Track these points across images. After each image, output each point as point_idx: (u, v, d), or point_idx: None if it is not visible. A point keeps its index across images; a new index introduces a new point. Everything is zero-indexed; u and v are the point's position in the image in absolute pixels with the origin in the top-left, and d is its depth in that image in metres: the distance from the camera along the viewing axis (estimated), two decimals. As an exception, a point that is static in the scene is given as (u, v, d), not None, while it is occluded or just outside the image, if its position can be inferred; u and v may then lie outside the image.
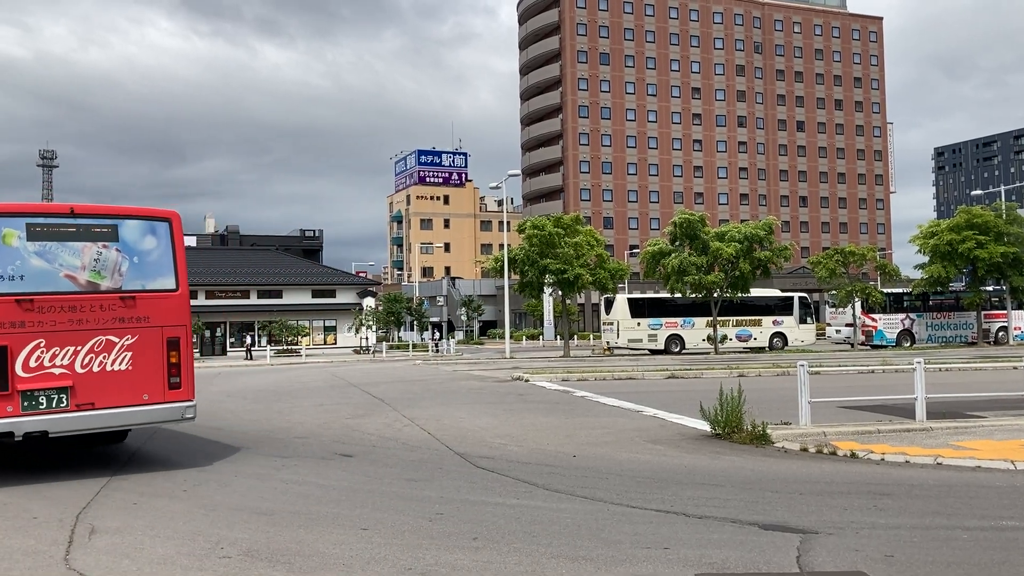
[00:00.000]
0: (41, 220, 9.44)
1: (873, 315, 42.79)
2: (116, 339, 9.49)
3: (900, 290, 43.77)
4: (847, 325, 43.65)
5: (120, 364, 9.48)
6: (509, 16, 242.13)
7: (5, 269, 8.87)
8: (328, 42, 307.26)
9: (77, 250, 9.41)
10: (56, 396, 9.03)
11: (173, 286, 10.21)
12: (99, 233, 9.69)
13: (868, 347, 42.00)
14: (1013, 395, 12.84)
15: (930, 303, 43.60)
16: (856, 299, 41.99)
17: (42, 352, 8.99)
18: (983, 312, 43.23)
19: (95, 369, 9.31)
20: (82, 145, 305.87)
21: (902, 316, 43.04)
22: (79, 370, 9.16)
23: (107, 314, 9.48)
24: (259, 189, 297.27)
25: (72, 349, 9.13)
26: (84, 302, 9.34)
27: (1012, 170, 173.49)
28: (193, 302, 53.36)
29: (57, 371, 9.04)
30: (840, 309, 43.79)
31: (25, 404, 8.87)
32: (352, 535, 6.29)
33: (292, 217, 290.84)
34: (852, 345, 43.16)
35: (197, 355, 52.96)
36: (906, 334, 42.76)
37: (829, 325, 47.31)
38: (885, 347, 41.66)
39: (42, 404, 8.96)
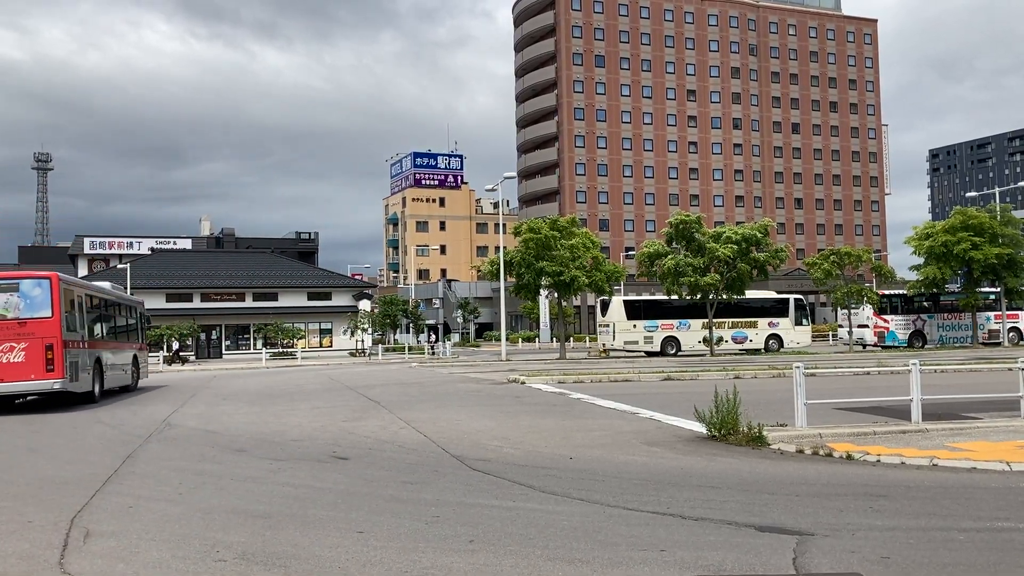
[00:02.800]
0: None
1: (885, 316, 42.89)
2: (18, 342, 17.51)
3: (911, 292, 43.85)
4: (859, 326, 43.71)
5: (18, 357, 17.48)
6: (506, 19, 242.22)
7: None
8: (327, 45, 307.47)
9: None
10: None
11: (49, 315, 17.81)
12: (10, 287, 18.03)
13: (880, 348, 42.08)
14: (1009, 396, 12.86)
15: (941, 304, 43.71)
16: (867, 301, 42.14)
17: None
18: (993, 313, 43.43)
19: (6, 359, 17.41)
20: (81, 148, 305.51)
21: (914, 317, 43.16)
22: None
23: (10, 332, 17.55)
24: (258, 192, 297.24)
25: (5, 346, 17.33)
26: (7, 326, 17.59)
27: (1007, 172, 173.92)
28: (189, 305, 53.07)
29: None
30: (853, 311, 43.93)
31: None
32: (348, 538, 6.28)
33: (291, 220, 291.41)
34: (864, 346, 43.27)
35: (192, 358, 52.94)
36: (918, 335, 42.92)
37: (841, 327, 47.31)
38: (897, 348, 41.76)
39: None
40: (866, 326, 43.08)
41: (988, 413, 13.03)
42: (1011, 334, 43.78)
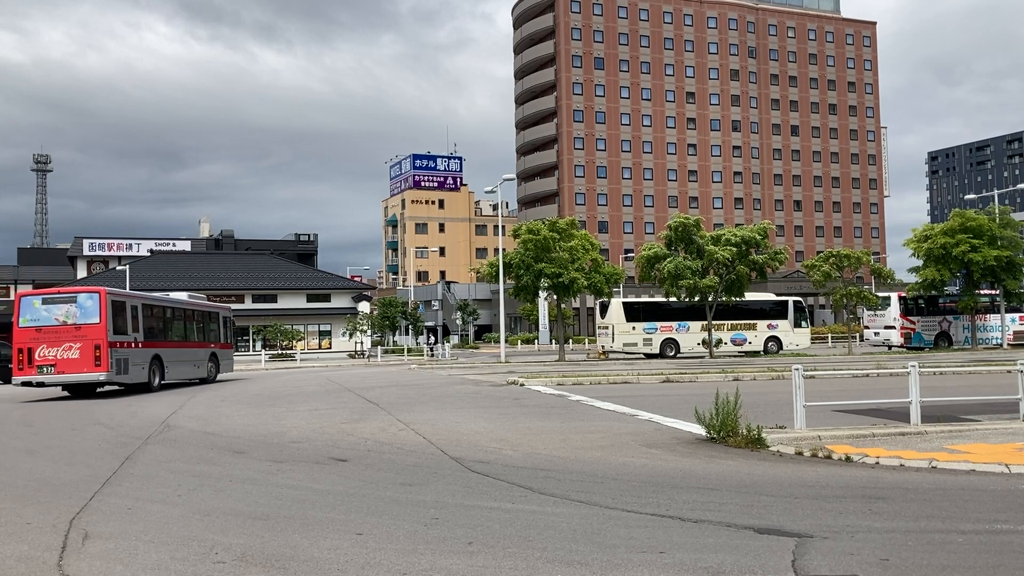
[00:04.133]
0: (45, 296, 23.03)
1: (911, 318, 42.96)
2: (73, 343, 22.14)
3: (936, 293, 43.95)
4: (886, 328, 43.77)
5: (74, 354, 22.11)
6: (506, 21, 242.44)
7: (33, 317, 22.37)
8: (327, 47, 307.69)
9: (61, 309, 22.47)
10: (49, 366, 22.05)
11: (96, 320, 22.30)
12: (68, 299, 22.71)
13: (906, 349, 42.16)
14: (1007, 398, 12.87)
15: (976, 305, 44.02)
16: (894, 301, 42.29)
17: (46, 349, 22.18)
18: (1019, 315, 43.55)
19: (63, 356, 22.11)
20: (82, 149, 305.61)
21: (939, 319, 43.21)
22: (58, 356, 22.15)
23: (69, 334, 22.19)
24: (257, 194, 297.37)
25: (64, 346, 22.11)
26: (65, 329, 22.26)
27: (1005, 174, 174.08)
28: (187, 307, 51.34)
29: (51, 356, 22.17)
30: (879, 312, 44.01)
31: (38, 369, 22.07)
32: (347, 540, 6.28)
33: (290, 222, 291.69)
34: (889, 347, 43.36)
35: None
36: (943, 336, 43.00)
37: (867, 328, 47.35)
38: (923, 349, 41.89)
39: (44, 369, 22.02)
40: (892, 327, 43.19)
41: (987, 415, 13.03)
42: None
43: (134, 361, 23.50)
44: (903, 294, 44.53)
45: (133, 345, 23.64)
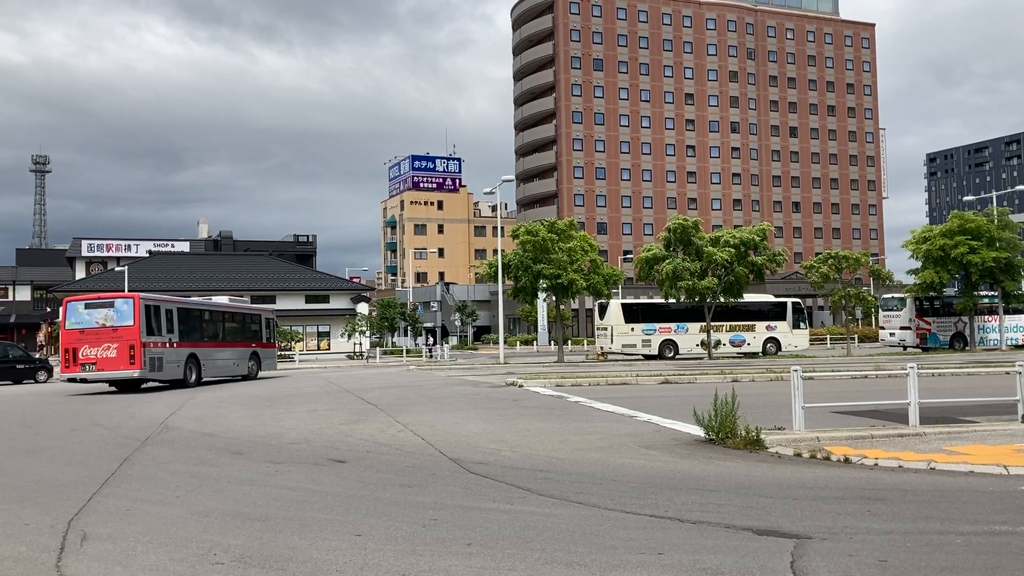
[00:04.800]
0: (87, 301, 25.71)
1: (927, 319, 43.06)
2: (111, 343, 24.63)
3: (952, 294, 44.06)
4: (902, 328, 43.86)
5: (111, 353, 24.65)
6: (505, 23, 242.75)
7: (77, 321, 25.12)
8: (327, 48, 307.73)
9: (100, 313, 25.09)
10: (90, 364, 24.59)
11: (130, 323, 24.80)
12: (106, 304, 25.32)
13: (921, 350, 42.25)
14: (1006, 400, 12.88)
15: (979, 306, 44.09)
16: (910, 302, 42.34)
17: (88, 349, 24.71)
18: None
19: (102, 355, 24.64)
20: (82, 150, 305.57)
21: (954, 319, 43.29)
22: (98, 355, 24.67)
23: (108, 336, 24.71)
24: (257, 195, 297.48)
25: (103, 346, 24.56)
26: (104, 331, 24.82)
27: (1004, 176, 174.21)
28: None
29: (92, 355, 24.69)
30: (894, 312, 44.07)
31: (81, 367, 24.69)
32: (346, 541, 6.28)
33: (290, 222, 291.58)
34: (905, 348, 43.45)
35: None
36: (958, 336, 43.10)
37: (882, 328, 47.44)
38: (938, 349, 41.92)
39: (86, 367, 24.60)
40: (908, 328, 43.28)
41: (986, 417, 13.04)
42: None
43: (168, 359, 26.04)
44: (928, 295, 44.56)
45: (167, 345, 26.18)
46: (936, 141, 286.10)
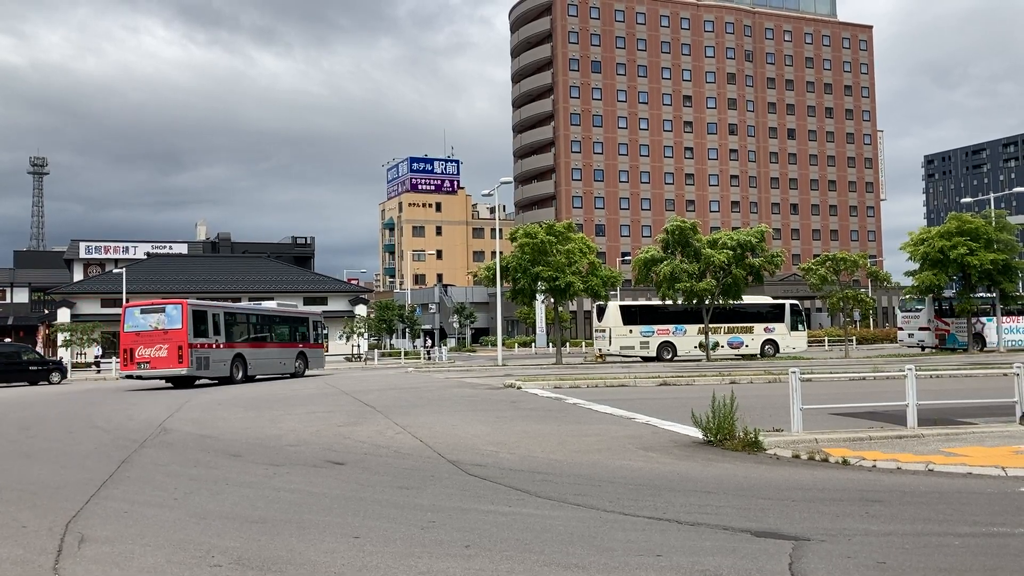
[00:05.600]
0: (143, 307, 28.45)
1: (946, 319, 43.15)
2: (162, 344, 27.09)
3: (984, 295, 44.23)
4: (920, 329, 43.93)
5: (162, 353, 27.11)
6: (504, 25, 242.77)
7: (134, 324, 27.81)
8: (326, 51, 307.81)
9: (154, 317, 27.62)
10: (145, 363, 27.27)
11: (179, 326, 27.18)
12: (159, 310, 27.86)
13: (939, 350, 42.36)
14: (1004, 401, 12.88)
15: (1009, 308, 44.31)
16: (931, 303, 42.48)
17: (143, 349, 27.29)
18: None
19: (154, 354, 27.19)
20: (80, 152, 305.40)
21: (973, 320, 43.44)
22: (151, 354, 27.23)
23: (159, 337, 27.20)
24: (255, 197, 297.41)
25: (156, 347, 27.10)
26: (156, 333, 27.35)
27: (1001, 178, 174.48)
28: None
29: (146, 355, 27.28)
30: (913, 313, 44.15)
31: (137, 365, 27.47)
32: (344, 543, 6.27)
33: (289, 225, 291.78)
34: (923, 348, 43.52)
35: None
36: (977, 337, 43.22)
37: (901, 329, 47.51)
38: (956, 350, 42.11)
39: (141, 366, 27.35)
40: (927, 329, 43.37)
41: (984, 418, 13.04)
42: None
43: (215, 359, 28.61)
44: (945, 295, 44.63)
45: (214, 346, 28.70)
46: (934, 143, 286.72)
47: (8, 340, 45.27)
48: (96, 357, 48.87)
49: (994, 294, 42.96)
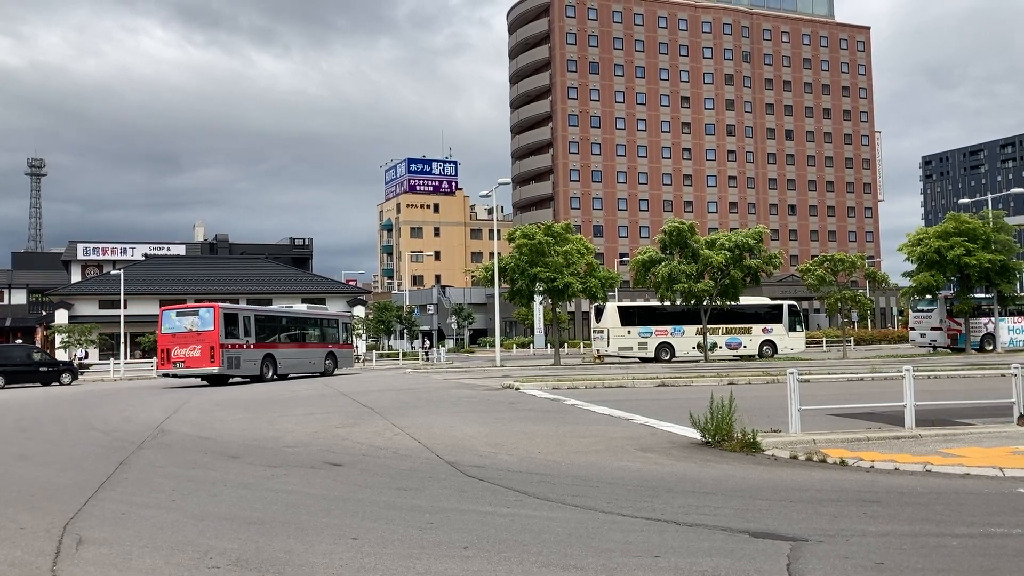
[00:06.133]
0: (178, 310, 30.60)
1: (958, 319, 43.28)
2: (195, 344, 28.71)
3: (982, 295, 44.37)
4: (932, 329, 44.02)
5: (195, 352, 28.74)
6: (502, 26, 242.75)
7: (170, 326, 29.64)
8: (324, 52, 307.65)
9: (188, 320, 29.40)
10: (180, 362, 29.01)
11: (211, 328, 28.82)
12: (192, 313, 29.74)
13: (951, 350, 42.44)
14: (1002, 402, 12.89)
15: (1010, 308, 44.59)
16: (942, 303, 42.67)
17: (178, 349, 29.00)
18: None
19: (188, 354, 28.81)
20: (78, 154, 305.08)
21: (985, 320, 43.56)
22: (185, 354, 28.90)
23: (193, 339, 28.89)
24: (254, 198, 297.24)
25: (190, 347, 28.77)
26: (190, 335, 29.01)
27: (999, 178, 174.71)
28: (182, 311, 51.72)
29: (181, 355, 28.97)
30: (925, 313, 44.27)
31: (173, 364, 29.21)
32: (342, 544, 6.27)
33: (287, 226, 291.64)
34: (935, 348, 43.60)
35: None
36: (988, 337, 43.46)
37: (913, 329, 47.59)
38: (967, 350, 42.45)
39: (177, 365, 29.13)
40: (939, 328, 43.48)
41: (981, 419, 13.06)
42: None
43: (245, 359, 30.19)
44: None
45: (245, 346, 30.28)
46: (932, 144, 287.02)
47: (19, 341, 45.20)
48: (77, 358, 47.68)
49: (992, 294, 43.02)
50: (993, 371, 20.27)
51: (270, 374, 31.51)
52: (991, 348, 42.95)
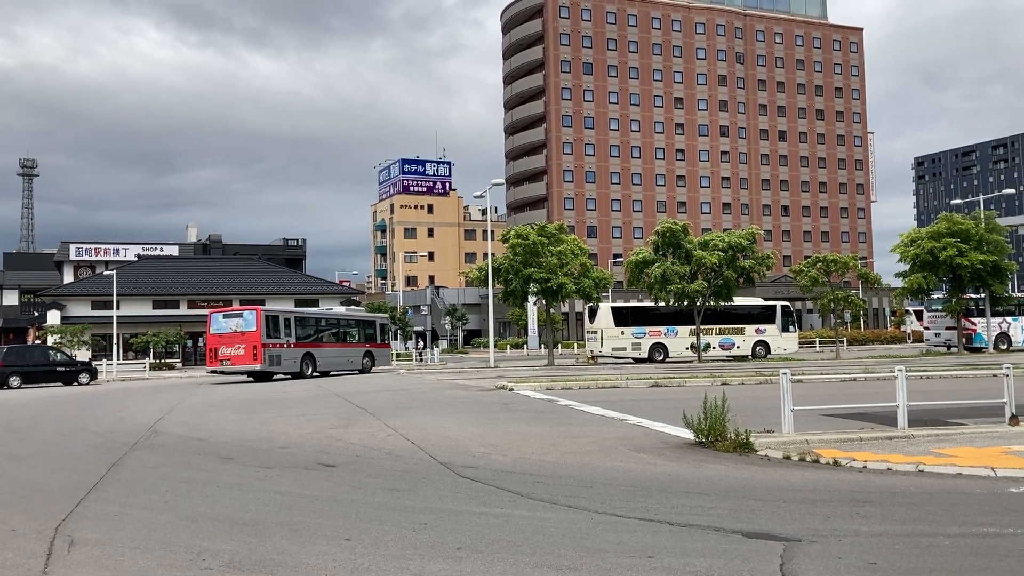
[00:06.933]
0: (224, 312, 33.20)
1: (972, 319, 43.47)
2: (239, 344, 31.21)
3: (995, 295, 44.64)
4: (947, 328, 44.20)
5: (239, 351, 31.18)
6: (496, 27, 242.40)
7: (217, 327, 32.24)
8: (319, 52, 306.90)
9: (233, 321, 31.97)
10: (226, 360, 31.50)
11: (253, 329, 31.22)
12: (237, 315, 32.45)
13: (966, 350, 42.62)
14: (994, 402, 12.94)
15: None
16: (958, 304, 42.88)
17: (224, 348, 31.55)
18: None
19: (233, 353, 31.29)
20: (73, 154, 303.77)
21: (999, 320, 43.78)
22: (231, 353, 31.38)
23: (238, 338, 31.34)
24: (248, 199, 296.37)
25: (235, 346, 31.51)
26: (235, 335, 31.47)
27: (991, 179, 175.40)
28: (176, 311, 54.22)
29: (227, 353, 31.50)
30: (940, 313, 44.49)
31: (220, 362, 31.78)
32: (335, 545, 6.26)
33: (282, 226, 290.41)
34: (948, 348, 43.80)
35: (179, 364, 52.71)
36: (1003, 337, 43.88)
37: (927, 329, 47.74)
38: (982, 350, 42.62)
39: (223, 363, 31.74)
40: (954, 328, 43.66)
41: (973, 419, 13.10)
42: None
43: (286, 357, 32.50)
44: (971, 296, 44.84)
45: (285, 346, 32.59)
46: (924, 145, 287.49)
47: (38, 342, 45.19)
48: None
49: (983, 295, 43.17)
50: (986, 371, 20.33)
51: (310, 371, 33.61)
52: (1005, 347, 43.19)
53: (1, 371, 32.69)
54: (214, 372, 32.74)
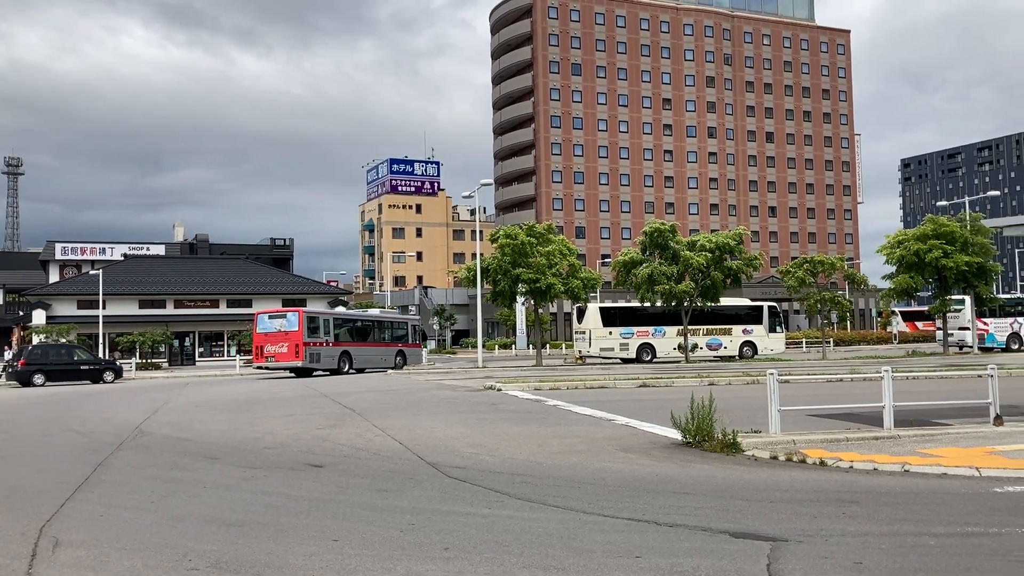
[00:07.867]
0: (270, 313, 35.98)
1: (985, 320, 43.80)
2: (283, 342, 33.79)
3: (1007, 296, 44.93)
4: (960, 329, 44.45)
5: (283, 349, 33.65)
6: (485, 28, 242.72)
7: (263, 327, 34.94)
8: (307, 52, 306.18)
9: (277, 322, 34.52)
10: (271, 357, 34.37)
11: (295, 329, 33.71)
12: (281, 316, 34.82)
13: (979, 350, 43.00)
14: (979, 403, 13.02)
15: None
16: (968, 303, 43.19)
17: (269, 346, 34.02)
18: None
19: (277, 350, 33.78)
20: (59, 154, 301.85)
21: (1011, 320, 44.23)
22: (275, 350, 33.88)
23: (281, 337, 33.82)
24: (236, 198, 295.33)
25: (279, 344, 33.90)
26: (279, 334, 33.94)
27: (976, 181, 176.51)
28: (162, 311, 54.02)
29: (272, 351, 33.95)
30: (952, 313, 44.81)
31: (265, 359, 34.38)
32: (322, 546, 6.24)
33: (269, 226, 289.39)
34: (961, 347, 44.13)
35: (165, 364, 52.46)
36: (1015, 337, 44.55)
37: (939, 329, 47.96)
38: (993, 349, 43.15)
39: (268, 359, 34.35)
40: (967, 329, 43.93)
41: (959, 419, 13.18)
42: None
43: (325, 354, 34.93)
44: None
45: (324, 344, 35.03)
46: (910, 147, 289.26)
47: (63, 340, 44.99)
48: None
49: (968, 296, 43.43)
50: (971, 372, 20.45)
51: (347, 368, 36.06)
52: (1016, 347, 43.54)
53: (24, 369, 32.71)
54: (260, 368, 35.40)
